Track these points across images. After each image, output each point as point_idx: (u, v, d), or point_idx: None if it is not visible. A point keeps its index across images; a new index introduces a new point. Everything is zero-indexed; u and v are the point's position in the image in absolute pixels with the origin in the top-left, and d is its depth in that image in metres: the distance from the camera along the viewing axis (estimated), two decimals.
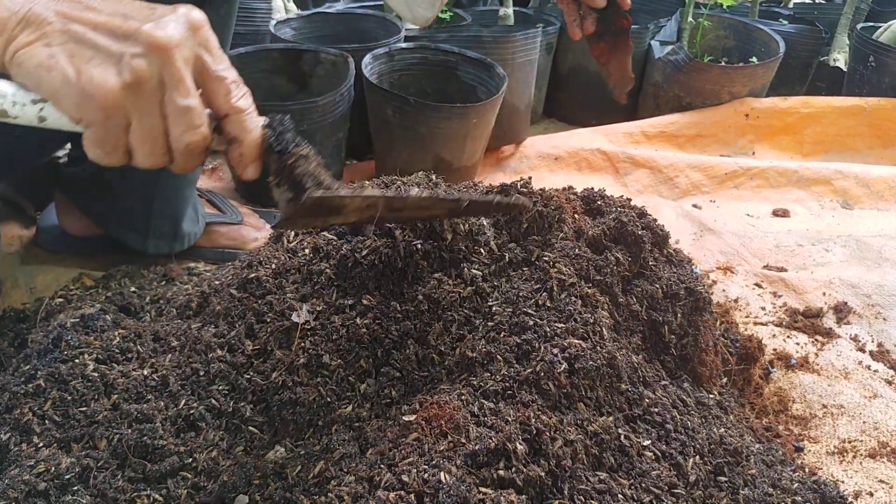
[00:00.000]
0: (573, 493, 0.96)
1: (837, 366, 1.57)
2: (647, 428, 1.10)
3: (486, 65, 2.23)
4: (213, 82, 0.83)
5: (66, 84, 0.76)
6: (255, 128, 0.86)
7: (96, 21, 0.78)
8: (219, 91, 0.83)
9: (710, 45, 2.96)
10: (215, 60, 0.82)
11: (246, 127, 0.85)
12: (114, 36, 0.77)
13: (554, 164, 2.47)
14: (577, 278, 1.15)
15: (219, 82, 0.83)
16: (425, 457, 0.92)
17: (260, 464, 1.02)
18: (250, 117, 0.85)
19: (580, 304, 1.12)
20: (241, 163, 0.86)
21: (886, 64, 2.79)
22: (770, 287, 1.85)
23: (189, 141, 0.81)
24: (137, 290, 1.51)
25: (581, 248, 1.19)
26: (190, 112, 0.80)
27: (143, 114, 0.78)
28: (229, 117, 0.84)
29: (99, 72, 0.76)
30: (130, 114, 0.78)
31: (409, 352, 1.08)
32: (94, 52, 0.77)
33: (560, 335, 1.06)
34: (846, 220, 2.28)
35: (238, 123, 0.84)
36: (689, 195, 2.40)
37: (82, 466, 1.01)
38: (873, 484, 1.26)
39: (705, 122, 2.69)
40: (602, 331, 1.10)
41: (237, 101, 0.84)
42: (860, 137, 2.74)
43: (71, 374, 1.11)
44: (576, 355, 1.04)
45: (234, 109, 0.84)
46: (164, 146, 0.81)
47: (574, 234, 1.22)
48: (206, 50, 0.82)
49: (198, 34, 0.81)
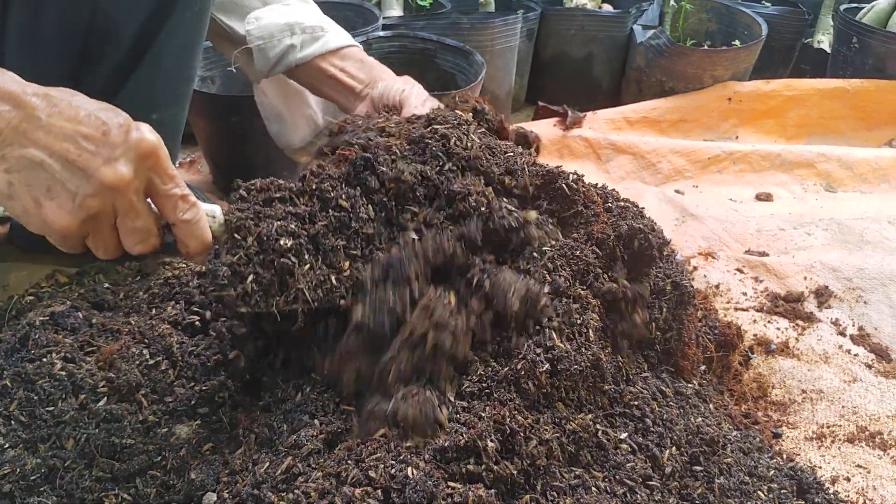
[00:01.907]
0: (546, 489, 0.95)
1: (818, 350, 1.56)
2: (626, 421, 1.10)
3: (464, 52, 2.21)
4: (161, 199, 0.92)
5: (27, 214, 0.86)
6: (201, 233, 0.96)
7: (52, 148, 0.84)
8: (166, 206, 0.92)
9: (692, 29, 2.95)
10: (164, 181, 0.91)
11: (191, 234, 0.95)
12: (69, 169, 0.84)
13: None
14: (573, 280, 1.13)
15: (167, 199, 0.92)
16: (392, 452, 0.91)
17: (228, 461, 1.01)
18: (196, 226, 0.95)
19: (572, 305, 1.10)
20: (188, 256, 0.99)
21: (870, 45, 2.78)
22: (751, 272, 1.84)
23: (141, 250, 0.92)
24: (111, 286, 1.49)
25: (585, 250, 1.17)
26: (140, 231, 0.91)
27: (98, 233, 0.90)
28: (177, 226, 0.94)
29: (55, 207, 0.85)
30: (87, 234, 0.89)
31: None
32: (52, 182, 0.85)
33: (546, 335, 1.05)
34: (829, 204, 2.27)
35: (183, 231, 0.94)
36: (672, 180, 2.39)
37: (49, 467, 0.99)
38: (851, 469, 1.26)
39: (688, 107, 2.68)
40: (589, 332, 1.08)
41: (183, 215, 0.93)
42: (844, 120, 2.73)
43: (38, 373, 1.09)
44: (559, 356, 1.02)
45: (180, 221, 0.93)
46: (119, 249, 0.93)
47: (585, 234, 1.20)
48: (155, 174, 0.90)
49: (148, 162, 0.89)
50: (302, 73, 1.54)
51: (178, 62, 1.42)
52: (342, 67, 1.50)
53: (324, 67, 1.50)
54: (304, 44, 1.49)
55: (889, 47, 2.73)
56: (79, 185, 0.85)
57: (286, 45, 1.49)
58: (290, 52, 1.50)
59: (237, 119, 1.92)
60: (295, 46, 1.49)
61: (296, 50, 1.50)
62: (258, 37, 1.49)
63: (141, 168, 0.88)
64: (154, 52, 1.35)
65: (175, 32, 1.35)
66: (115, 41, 1.32)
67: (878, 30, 2.80)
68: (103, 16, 1.27)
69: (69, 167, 0.84)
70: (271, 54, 1.50)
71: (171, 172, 0.91)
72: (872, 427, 1.35)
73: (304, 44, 1.49)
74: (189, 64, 1.46)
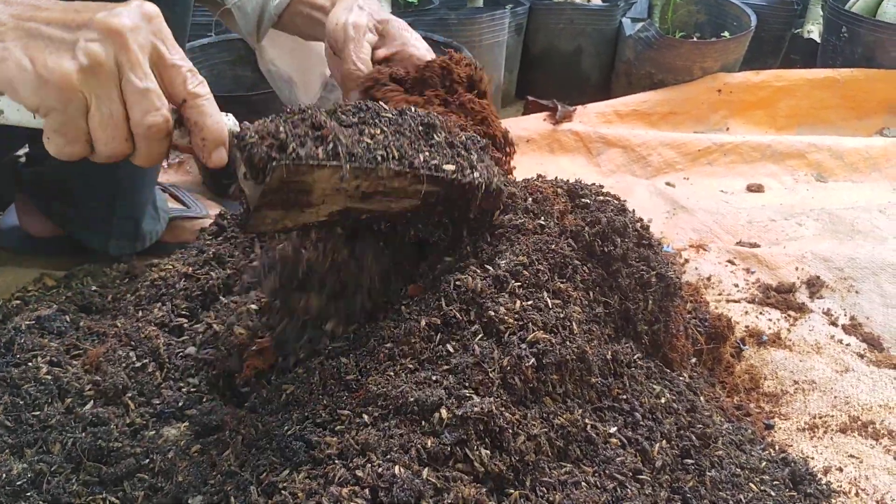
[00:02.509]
0: (535, 485, 0.95)
1: (809, 341, 1.56)
2: (615, 415, 1.09)
3: (452, 48, 2.20)
4: (168, 70, 0.83)
5: (22, 71, 0.76)
6: (215, 112, 0.86)
7: (49, 17, 0.78)
8: (175, 79, 0.83)
9: (681, 21, 2.94)
10: (170, 50, 0.83)
11: (205, 111, 0.85)
12: (68, 28, 0.77)
13: (526, 146, 2.45)
14: (551, 273, 1.12)
15: (175, 70, 0.83)
16: (382, 448, 0.91)
17: (216, 463, 1.00)
18: (209, 102, 0.85)
19: (552, 298, 1.10)
20: (205, 148, 0.86)
21: (859, 34, 2.77)
22: (743, 263, 1.83)
23: (150, 123, 0.80)
24: (99, 289, 1.49)
25: (560, 243, 1.16)
26: (149, 94, 0.80)
27: (101, 97, 0.78)
28: (187, 103, 0.84)
29: (55, 58, 0.76)
30: (89, 98, 0.78)
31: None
32: (49, 42, 0.77)
33: (530, 329, 1.04)
34: (820, 194, 2.27)
35: (197, 108, 0.84)
36: (663, 173, 2.39)
37: (35, 472, 0.98)
38: (843, 459, 1.26)
39: (678, 99, 2.67)
40: (572, 325, 1.07)
41: (194, 87, 0.84)
42: (834, 109, 2.73)
43: (23, 377, 1.09)
44: (544, 350, 1.02)
45: (191, 95, 0.84)
46: (126, 131, 0.81)
47: (558, 229, 1.19)
48: (160, 39, 0.82)
49: (152, 23, 0.81)
50: (285, 22, 1.49)
51: None
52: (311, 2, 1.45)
53: (298, 8, 1.46)
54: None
55: (878, 36, 2.73)
56: (79, 35, 0.77)
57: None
58: (268, 4, 1.46)
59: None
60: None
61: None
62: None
63: (145, 27, 0.80)
64: None
65: None
66: None
67: (867, 18, 2.80)
68: None
69: (68, 27, 0.78)
70: (249, 8, 1.47)
71: (176, 45, 0.84)
72: (865, 417, 1.35)
73: None
74: None
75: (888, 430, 1.31)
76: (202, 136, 0.85)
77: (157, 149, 0.83)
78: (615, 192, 1.33)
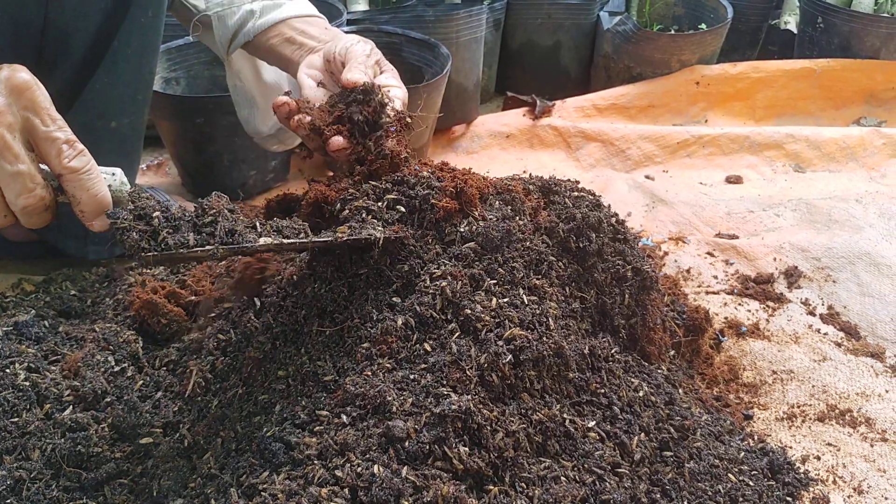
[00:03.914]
0: (515, 480, 0.95)
1: (788, 331, 1.57)
2: (593, 409, 1.09)
3: (429, 45, 2.21)
4: (43, 143, 0.82)
5: None
6: (93, 185, 0.85)
7: None
8: (50, 152, 0.83)
9: (659, 14, 2.95)
10: (44, 122, 0.82)
11: (82, 185, 0.84)
12: None
13: (506, 141, 2.45)
14: (526, 270, 1.13)
15: (49, 143, 0.82)
16: (360, 447, 0.91)
17: (196, 466, 1.00)
18: (86, 175, 0.84)
19: (528, 295, 1.10)
20: (85, 218, 0.86)
21: (835, 24, 2.79)
22: (722, 255, 1.85)
23: (24, 204, 0.81)
24: (78, 293, 1.48)
25: (534, 240, 1.16)
26: (19, 177, 0.80)
27: None
28: (64, 177, 0.84)
29: None
30: None
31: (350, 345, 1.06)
32: None
33: (506, 326, 1.04)
34: (798, 184, 2.29)
35: (72, 182, 0.84)
36: (642, 166, 2.40)
37: (14, 478, 0.99)
38: (821, 447, 1.27)
39: (656, 92, 2.68)
40: (549, 321, 1.08)
41: (69, 162, 0.83)
42: (811, 100, 2.75)
43: (1, 384, 1.09)
44: (521, 346, 1.02)
45: (66, 170, 0.83)
46: (4, 208, 0.82)
47: (532, 225, 1.19)
48: (33, 112, 0.81)
49: (22, 98, 0.80)
50: (260, 42, 1.45)
51: (135, 67, 1.40)
52: (303, 30, 1.42)
53: (282, 31, 1.42)
54: (263, 10, 1.44)
55: (853, 26, 2.75)
56: None
57: (246, 10, 1.44)
58: (249, 19, 1.44)
59: (201, 120, 1.90)
60: (255, 12, 1.43)
61: (255, 16, 1.44)
62: (218, 3, 1.45)
63: (14, 103, 0.80)
64: (110, 59, 1.34)
65: (129, 38, 1.34)
66: (69, 48, 1.30)
67: (842, 9, 2.81)
68: (54, 24, 1.26)
69: None
70: (230, 21, 1.45)
71: (52, 114, 0.83)
72: (842, 405, 1.36)
73: (265, 10, 1.44)
74: (146, 69, 1.44)
75: (865, 418, 1.33)
76: (80, 209, 0.86)
77: (38, 220, 0.85)
78: (594, 186, 1.35)
